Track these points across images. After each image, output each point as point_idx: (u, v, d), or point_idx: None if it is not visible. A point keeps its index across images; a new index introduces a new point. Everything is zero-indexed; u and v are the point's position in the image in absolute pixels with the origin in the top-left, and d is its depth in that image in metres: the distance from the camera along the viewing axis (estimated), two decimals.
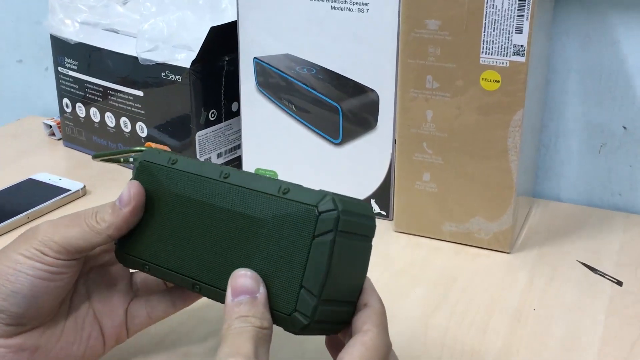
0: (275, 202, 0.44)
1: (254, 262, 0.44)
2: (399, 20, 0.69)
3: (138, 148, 0.57)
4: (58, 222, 0.49)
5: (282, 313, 0.43)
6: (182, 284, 0.48)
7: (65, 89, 0.94)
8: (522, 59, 0.65)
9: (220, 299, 0.45)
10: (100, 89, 0.90)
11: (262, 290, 0.43)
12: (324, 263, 0.42)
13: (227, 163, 0.88)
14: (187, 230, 0.48)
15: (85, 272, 0.52)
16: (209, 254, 0.46)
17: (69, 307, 0.51)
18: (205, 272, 0.47)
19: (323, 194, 0.42)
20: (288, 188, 0.44)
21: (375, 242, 0.77)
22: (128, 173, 0.89)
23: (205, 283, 0.46)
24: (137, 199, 0.49)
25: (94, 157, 0.61)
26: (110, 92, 0.88)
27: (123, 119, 0.89)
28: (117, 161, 0.62)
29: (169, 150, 0.56)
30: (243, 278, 0.43)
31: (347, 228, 0.42)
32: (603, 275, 0.68)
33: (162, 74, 0.82)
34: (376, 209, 0.79)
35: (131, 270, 0.54)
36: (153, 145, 0.56)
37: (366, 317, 0.44)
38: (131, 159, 0.62)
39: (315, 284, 0.42)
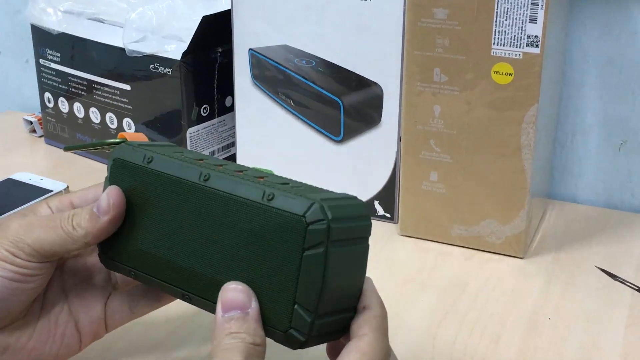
0: (259, 211, 0.42)
1: (242, 274, 0.43)
2: (404, 9, 0.69)
3: (112, 140, 0.55)
4: (32, 223, 0.48)
5: (277, 330, 0.42)
6: (171, 294, 0.48)
7: (47, 83, 0.94)
8: (536, 51, 0.65)
9: (212, 310, 0.44)
10: (85, 83, 0.89)
11: (255, 305, 0.42)
12: (317, 277, 0.41)
13: None
14: (170, 237, 0.47)
15: (60, 265, 0.52)
16: (196, 263, 0.46)
17: (42, 304, 0.51)
18: (194, 283, 0.46)
19: (310, 202, 0.41)
20: (273, 194, 0.42)
21: (379, 246, 0.77)
22: None
23: (195, 294, 0.46)
24: (117, 209, 0.48)
25: (65, 149, 0.59)
26: (95, 85, 0.88)
27: (109, 115, 0.89)
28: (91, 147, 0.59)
29: (146, 140, 0.55)
30: (234, 292, 0.42)
31: (339, 236, 0.41)
32: (623, 282, 0.68)
33: (151, 66, 0.82)
34: (380, 211, 0.79)
35: None
36: (127, 135, 0.54)
37: (363, 321, 0.43)
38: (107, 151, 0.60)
39: (310, 299, 0.41)
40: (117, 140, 0.54)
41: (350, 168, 0.79)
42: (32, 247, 0.47)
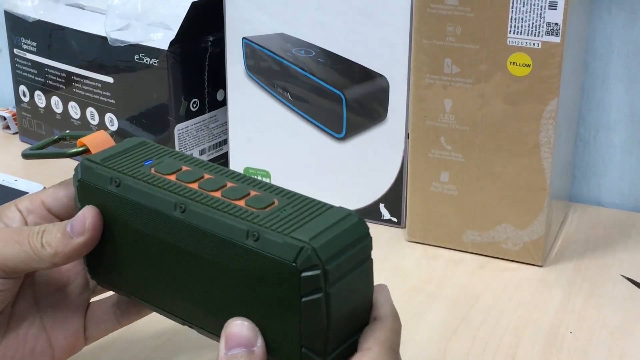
0: (247, 253, 0.42)
1: (239, 313, 0.43)
2: None
3: (73, 151, 0.53)
4: None
5: None
6: (170, 319, 0.48)
7: (22, 75, 0.94)
8: (556, 39, 0.65)
9: (213, 338, 0.45)
10: (63, 75, 0.89)
11: (260, 343, 0.42)
12: (321, 322, 0.41)
13: (211, 161, 0.87)
14: (154, 267, 0.47)
15: (31, 273, 0.51)
16: (185, 296, 0.46)
17: (10, 318, 0.50)
18: (190, 313, 0.47)
19: (299, 245, 0.41)
20: (257, 233, 0.42)
21: (384, 253, 0.77)
22: None
23: (195, 325, 0.47)
24: (92, 232, 0.48)
25: (24, 156, 0.57)
26: (75, 78, 0.88)
27: (90, 110, 0.89)
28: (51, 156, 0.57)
29: (111, 141, 0.53)
30: (239, 328, 0.42)
31: (338, 274, 0.42)
32: None
33: (136, 56, 0.82)
34: (386, 215, 0.79)
35: None
36: (88, 140, 0.52)
37: (370, 333, 0.43)
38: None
39: (317, 343, 0.42)
40: (79, 149, 0.52)
41: (353, 168, 0.79)
42: None
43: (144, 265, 0.48)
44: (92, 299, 0.54)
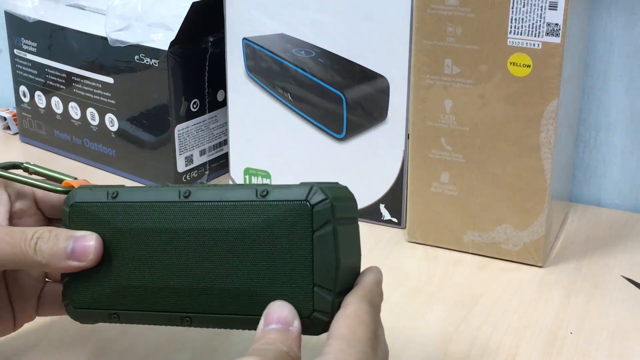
0: (257, 208, 0.47)
1: (251, 274, 0.47)
2: None
3: (60, 189, 0.54)
4: None
5: (301, 317, 0.46)
6: (166, 323, 0.50)
7: (22, 75, 0.94)
8: (557, 40, 0.65)
9: (219, 324, 0.49)
10: (63, 75, 0.90)
11: (297, 324, 0.45)
12: (332, 256, 0.46)
13: (212, 161, 0.88)
14: (159, 262, 0.49)
15: None
16: (195, 280, 0.48)
17: None
18: (196, 301, 0.48)
19: (308, 186, 0.46)
20: (266, 190, 0.47)
21: (385, 254, 0.77)
22: (95, 176, 0.89)
23: (198, 313, 0.49)
24: (92, 262, 0.50)
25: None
26: (75, 78, 0.88)
27: (90, 110, 0.89)
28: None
29: (90, 184, 0.55)
30: (279, 307, 0.45)
31: (341, 214, 0.47)
32: None
33: (136, 57, 0.82)
34: (386, 215, 0.79)
35: None
36: (73, 182, 0.54)
37: (350, 294, 0.46)
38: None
39: (329, 278, 0.46)
40: (64, 189, 0.54)
41: (353, 168, 0.79)
42: None
43: (144, 268, 0.49)
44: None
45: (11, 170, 0.55)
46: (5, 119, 1.01)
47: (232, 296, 0.48)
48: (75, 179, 0.55)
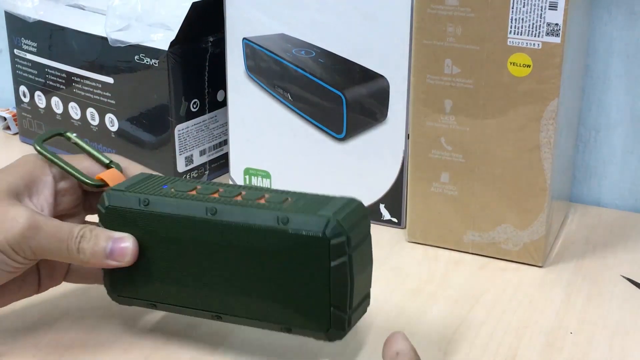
0: (277, 235, 0.51)
1: (272, 291, 0.52)
2: None
3: (91, 182, 0.59)
4: (40, 226, 0.53)
5: (318, 332, 0.52)
6: (199, 316, 0.56)
7: (22, 75, 0.94)
8: (556, 40, 0.65)
9: (245, 324, 0.54)
10: (63, 75, 0.89)
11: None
12: (347, 282, 0.50)
13: (212, 161, 0.88)
14: (187, 268, 0.54)
15: None
16: (221, 286, 0.54)
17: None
18: (223, 302, 0.54)
19: (325, 219, 0.49)
20: (286, 217, 0.50)
21: (385, 254, 0.77)
22: None
23: (226, 314, 0.54)
24: (128, 263, 0.55)
25: (37, 142, 0.60)
26: (75, 78, 0.88)
27: (90, 110, 0.89)
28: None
29: (121, 176, 0.59)
30: (398, 337, 0.50)
31: (355, 242, 0.50)
32: None
33: (136, 57, 0.82)
34: (386, 215, 0.79)
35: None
36: (104, 176, 0.58)
37: None
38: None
39: (344, 300, 0.50)
40: (98, 182, 0.59)
41: (353, 168, 0.79)
42: (33, 251, 0.53)
43: (175, 270, 0.55)
44: None
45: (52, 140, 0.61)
46: (5, 119, 1.01)
47: (255, 304, 0.53)
48: (110, 162, 0.60)
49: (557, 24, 0.65)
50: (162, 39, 0.80)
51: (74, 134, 0.63)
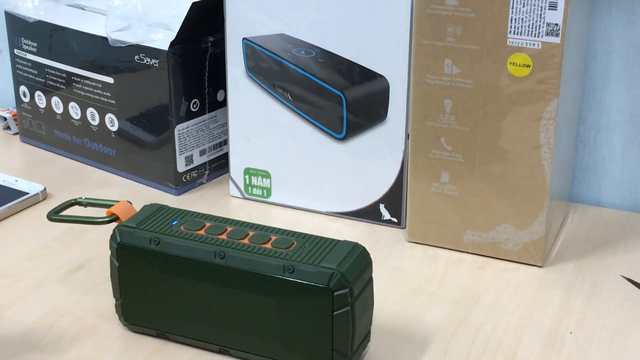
0: (284, 284, 0.54)
1: (276, 333, 0.55)
2: None
3: (102, 219, 0.63)
4: None
5: None
6: (207, 349, 0.58)
7: (23, 75, 0.94)
8: (556, 40, 0.65)
9: (253, 357, 0.57)
10: (64, 75, 0.89)
11: None
12: (349, 328, 0.53)
13: (212, 161, 0.88)
14: (195, 304, 0.57)
15: None
16: (228, 323, 0.56)
17: None
18: (230, 338, 0.57)
19: (330, 272, 0.53)
20: (292, 267, 0.53)
21: (384, 254, 0.77)
22: (96, 176, 0.89)
23: (233, 348, 0.57)
24: None
25: (50, 218, 0.67)
26: (75, 78, 0.88)
27: (90, 110, 0.89)
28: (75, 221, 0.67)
29: (132, 208, 0.63)
30: None
31: (358, 290, 0.54)
32: None
33: (136, 57, 0.82)
34: (386, 215, 0.79)
35: None
36: (116, 210, 0.63)
37: None
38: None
39: (346, 345, 0.54)
40: (110, 218, 0.63)
41: (353, 168, 0.79)
42: None
43: (185, 305, 0.57)
44: None
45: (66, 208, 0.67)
46: (5, 119, 1.01)
47: (260, 342, 0.56)
48: (118, 202, 0.64)
49: (556, 24, 0.65)
50: (162, 39, 0.80)
51: (84, 197, 0.68)
